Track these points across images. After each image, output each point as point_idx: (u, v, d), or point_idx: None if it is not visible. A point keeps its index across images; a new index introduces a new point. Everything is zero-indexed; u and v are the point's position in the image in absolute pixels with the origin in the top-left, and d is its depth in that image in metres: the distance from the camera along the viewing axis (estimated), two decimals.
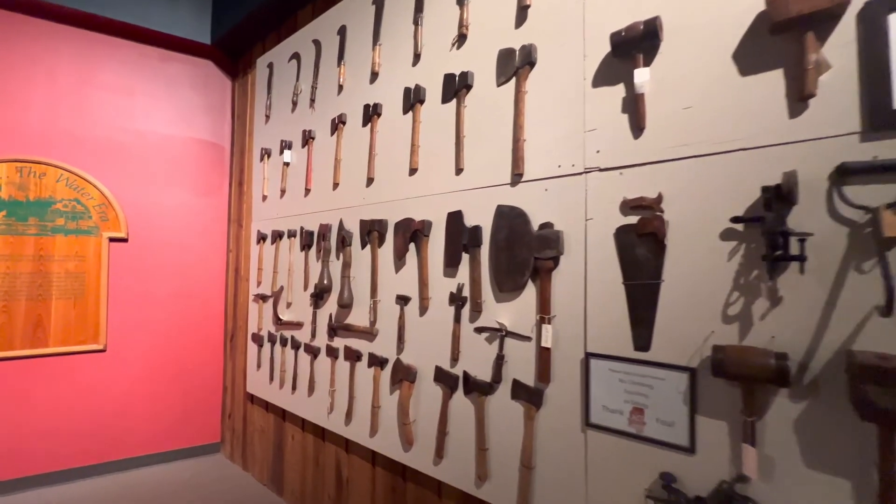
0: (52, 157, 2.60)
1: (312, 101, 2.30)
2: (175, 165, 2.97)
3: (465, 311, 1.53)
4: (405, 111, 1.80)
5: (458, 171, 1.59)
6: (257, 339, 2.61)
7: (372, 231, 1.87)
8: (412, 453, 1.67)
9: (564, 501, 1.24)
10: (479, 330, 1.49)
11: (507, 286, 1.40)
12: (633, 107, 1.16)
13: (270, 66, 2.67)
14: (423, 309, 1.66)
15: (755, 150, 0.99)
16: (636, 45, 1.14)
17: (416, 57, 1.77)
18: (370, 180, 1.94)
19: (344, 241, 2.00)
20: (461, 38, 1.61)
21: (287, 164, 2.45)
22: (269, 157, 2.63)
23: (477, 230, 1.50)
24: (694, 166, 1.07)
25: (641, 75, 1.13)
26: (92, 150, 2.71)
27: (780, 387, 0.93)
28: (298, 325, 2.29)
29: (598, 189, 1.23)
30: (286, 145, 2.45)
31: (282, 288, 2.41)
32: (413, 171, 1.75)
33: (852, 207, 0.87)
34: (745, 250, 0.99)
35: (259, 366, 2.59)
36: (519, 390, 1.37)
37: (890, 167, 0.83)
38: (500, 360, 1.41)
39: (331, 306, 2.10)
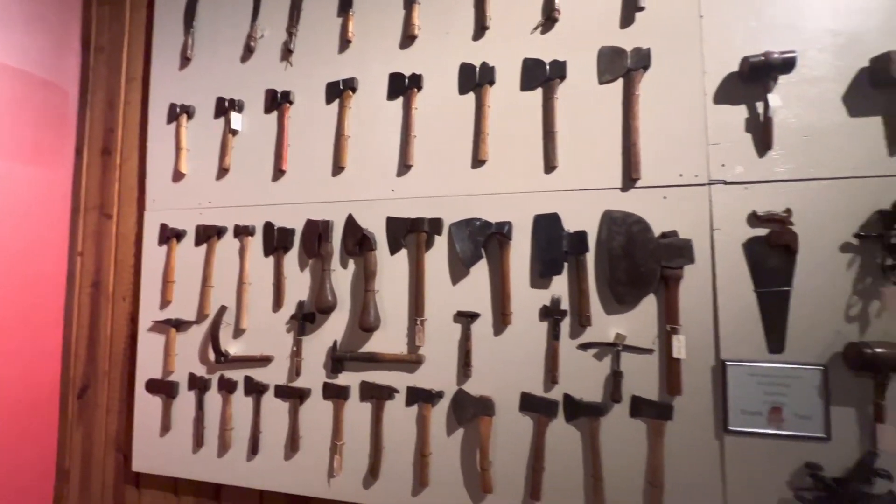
0: None
1: (290, 52, 1.69)
2: None
3: (564, 326, 1.36)
4: (464, 91, 1.51)
5: (549, 168, 1.41)
6: (163, 387, 1.73)
7: (415, 231, 1.49)
8: (489, 502, 1.38)
9: None
10: (584, 346, 1.34)
11: (628, 297, 1.31)
12: (762, 127, 1.26)
13: None
14: (503, 327, 1.41)
15: (865, 179, 1.20)
16: (769, 72, 1.24)
17: (482, 30, 1.51)
18: (405, 168, 1.54)
19: (363, 244, 1.52)
20: (548, 23, 1.45)
21: (234, 132, 1.73)
22: (190, 117, 1.80)
23: (582, 236, 1.36)
24: (815, 187, 1.22)
25: (775, 100, 1.24)
26: None
27: None
28: (263, 361, 1.62)
29: (724, 201, 1.28)
30: (232, 105, 1.73)
31: (223, 308, 1.67)
32: (480, 162, 1.47)
33: None
34: (862, 261, 1.19)
35: (167, 428, 1.71)
36: (642, 407, 1.29)
37: None
38: (617, 377, 1.30)
39: (332, 331, 1.56)
